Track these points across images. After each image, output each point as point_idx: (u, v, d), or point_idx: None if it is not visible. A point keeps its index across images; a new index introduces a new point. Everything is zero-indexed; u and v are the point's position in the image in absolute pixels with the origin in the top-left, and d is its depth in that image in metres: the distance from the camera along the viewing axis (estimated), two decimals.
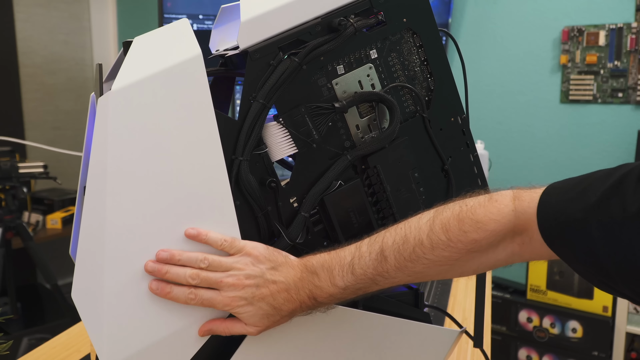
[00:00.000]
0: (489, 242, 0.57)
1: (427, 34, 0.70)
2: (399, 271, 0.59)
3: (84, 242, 0.58)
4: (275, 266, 0.61)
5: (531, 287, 2.22)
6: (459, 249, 0.57)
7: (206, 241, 0.60)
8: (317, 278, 0.60)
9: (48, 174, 2.21)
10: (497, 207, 0.57)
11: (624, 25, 2.24)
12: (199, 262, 0.59)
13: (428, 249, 0.58)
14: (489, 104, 2.53)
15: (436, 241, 0.58)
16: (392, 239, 0.60)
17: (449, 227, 0.58)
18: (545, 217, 0.54)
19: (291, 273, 0.61)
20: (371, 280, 0.60)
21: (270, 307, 0.60)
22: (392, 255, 0.59)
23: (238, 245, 0.61)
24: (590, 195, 0.51)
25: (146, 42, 0.60)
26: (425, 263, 0.59)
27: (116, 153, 0.57)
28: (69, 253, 0.67)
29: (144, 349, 0.59)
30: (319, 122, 0.65)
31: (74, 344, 1.00)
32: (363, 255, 0.60)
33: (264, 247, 0.61)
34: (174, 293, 0.59)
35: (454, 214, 0.58)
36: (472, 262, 0.59)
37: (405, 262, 0.59)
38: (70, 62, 3.09)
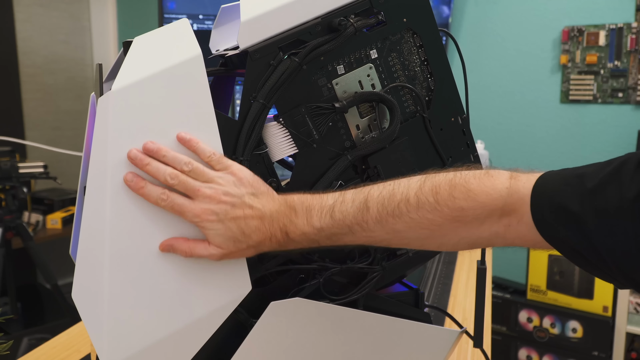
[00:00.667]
0: (476, 215, 0.56)
1: (427, 34, 0.70)
2: (378, 224, 0.58)
3: (84, 242, 0.58)
4: (256, 193, 0.59)
5: (531, 287, 2.22)
6: (444, 213, 0.56)
7: (196, 149, 0.58)
8: (295, 214, 0.59)
9: (48, 174, 2.21)
10: (491, 182, 0.56)
11: (624, 25, 2.24)
12: (183, 165, 0.57)
13: (413, 207, 0.57)
14: (489, 104, 2.53)
15: (423, 201, 0.56)
16: (378, 191, 0.59)
17: (438, 190, 0.56)
18: (539, 199, 0.53)
19: (270, 203, 0.59)
20: (348, 228, 0.58)
21: (239, 231, 0.58)
22: (375, 206, 0.58)
23: (225, 163, 0.59)
24: (587, 181, 0.50)
25: (146, 42, 0.60)
26: (407, 222, 0.57)
27: (116, 153, 0.57)
28: (69, 253, 0.67)
29: (144, 349, 0.59)
30: (319, 122, 0.65)
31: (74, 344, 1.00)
32: (346, 200, 0.59)
33: (250, 173, 0.60)
34: (147, 189, 0.57)
35: (447, 179, 0.57)
36: (454, 233, 0.57)
37: (387, 216, 0.57)
38: (70, 62, 3.09)
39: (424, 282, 1.25)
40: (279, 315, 0.65)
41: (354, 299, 0.70)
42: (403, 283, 0.82)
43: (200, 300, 0.60)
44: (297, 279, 0.68)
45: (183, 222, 0.59)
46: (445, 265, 1.39)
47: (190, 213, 0.57)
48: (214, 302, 0.61)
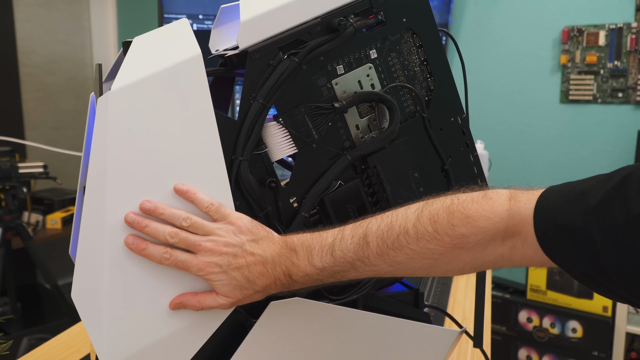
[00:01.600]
0: (477, 240, 0.55)
1: (427, 34, 0.70)
2: (380, 258, 0.57)
3: (84, 242, 0.58)
4: (256, 239, 0.60)
5: (531, 287, 2.22)
6: (444, 242, 0.55)
7: (193, 200, 0.59)
8: (296, 255, 0.59)
9: (48, 174, 2.21)
10: (490, 205, 0.55)
11: (624, 25, 2.24)
12: (181, 220, 0.58)
13: (413, 238, 0.56)
14: (489, 104, 2.53)
15: (422, 231, 0.56)
16: (376, 225, 0.58)
17: (437, 219, 0.55)
18: (542, 219, 0.52)
19: (270, 247, 0.60)
20: (350, 265, 0.58)
21: (244, 279, 0.58)
22: (374, 240, 0.57)
23: (223, 212, 0.60)
24: (590, 198, 0.49)
25: (146, 42, 0.60)
26: (409, 253, 0.56)
27: (116, 153, 0.57)
28: (69, 253, 0.67)
29: (144, 349, 0.59)
30: (319, 122, 0.65)
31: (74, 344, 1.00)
32: (345, 237, 0.59)
33: (249, 220, 0.61)
34: (149, 250, 0.57)
35: (444, 206, 0.56)
36: (458, 260, 0.56)
37: (387, 249, 0.57)
38: (70, 62, 3.09)
39: (424, 282, 1.25)
40: (278, 315, 0.65)
41: (353, 299, 0.70)
42: (403, 283, 0.82)
43: None
44: None
45: None
46: None
47: (194, 268, 0.58)
48: None
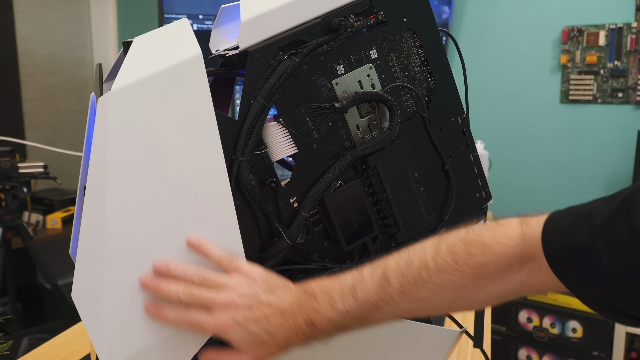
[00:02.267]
0: (497, 267, 0.55)
1: (427, 34, 0.70)
2: (403, 296, 0.56)
3: (84, 242, 0.58)
4: (271, 288, 0.58)
5: None
6: (465, 272, 0.55)
7: (205, 253, 0.59)
8: (316, 301, 0.57)
9: (48, 174, 2.21)
10: (504, 231, 0.55)
11: (624, 25, 2.24)
12: (194, 277, 0.58)
13: (434, 272, 0.55)
14: (489, 104, 2.53)
15: (442, 264, 0.55)
16: (395, 262, 0.57)
17: (455, 250, 0.55)
18: (550, 241, 0.52)
19: (288, 296, 0.58)
20: (373, 306, 0.57)
21: (263, 332, 0.56)
22: (395, 278, 0.56)
23: (235, 263, 0.59)
24: (595, 217, 0.49)
25: (146, 42, 0.60)
26: (431, 287, 0.56)
27: (116, 153, 0.57)
28: (69, 253, 0.67)
29: (144, 349, 0.59)
30: (319, 122, 0.65)
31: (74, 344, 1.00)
32: (365, 278, 0.57)
33: (262, 269, 0.60)
34: (166, 314, 0.58)
35: (460, 237, 0.56)
36: (480, 290, 0.56)
37: (409, 285, 0.56)
38: (70, 62, 3.09)
39: None
40: None
41: None
42: None
43: None
44: (297, 279, 0.68)
45: (183, 222, 0.59)
46: None
47: (210, 326, 0.57)
48: None
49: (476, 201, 0.76)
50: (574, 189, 2.42)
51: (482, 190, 0.76)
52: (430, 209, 0.72)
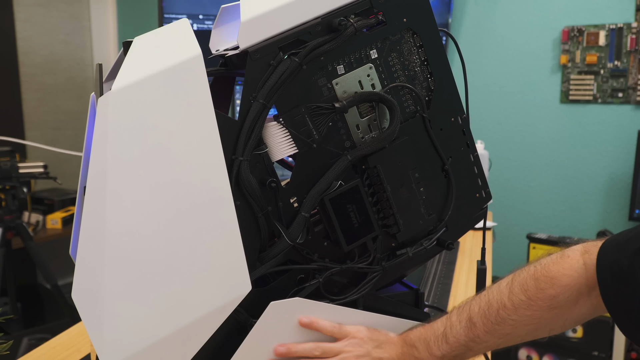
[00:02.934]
0: (566, 298, 0.60)
1: (427, 34, 0.70)
2: (489, 335, 0.63)
3: (84, 242, 0.58)
4: (379, 344, 0.67)
5: None
6: (539, 306, 0.61)
7: (318, 328, 0.66)
8: (417, 350, 0.66)
9: (48, 174, 2.21)
10: (568, 263, 0.60)
11: (624, 25, 2.24)
12: (313, 351, 0.66)
13: (511, 310, 0.62)
14: (489, 104, 2.53)
15: (517, 302, 0.62)
16: (477, 305, 0.65)
17: (527, 287, 0.62)
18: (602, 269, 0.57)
19: (393, 349, 0.67)
20: (465, 347, 0.64)
21: None
22: (479, 320, 0.64)
23: (345, 331, 0.67)
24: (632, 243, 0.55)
25: (146, 42, 0.60)
26: (512, 324, 0.62)
27: (116, 153, 0.57)
28: (69, 253, 0.67)
29: (144, 349, 0.59)
30: (319, 122, 0.65)
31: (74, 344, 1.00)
32: (454, 324, 0.66)
33: (366, 329, 0.68)
34: None
35: (529, 274, 0.62)
36: (557, 319, 0.62)
37: (492, 325, 0.63)
38: (70, 62, 3.09)
39: (424, 282, 1.25)
40: (279, 315, 0.65)
41: (354, 299, 0.70)
42: (403, 283, 0.82)
43: (200, 300, 0.60)
44: (297, 279, 0.68)
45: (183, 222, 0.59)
46: (445, 265, 1.39)
47: None
48: (214, 302, 0.61)
49: (476, 201, 0.76)
50: (574, 189, 2.42)
51: (482, 190, 0.76)
52: (430, 209, 0.72)
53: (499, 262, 2.50)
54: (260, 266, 0.64)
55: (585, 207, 2.41)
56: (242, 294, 0.62)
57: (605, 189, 2.37)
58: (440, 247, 0.74)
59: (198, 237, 0.60)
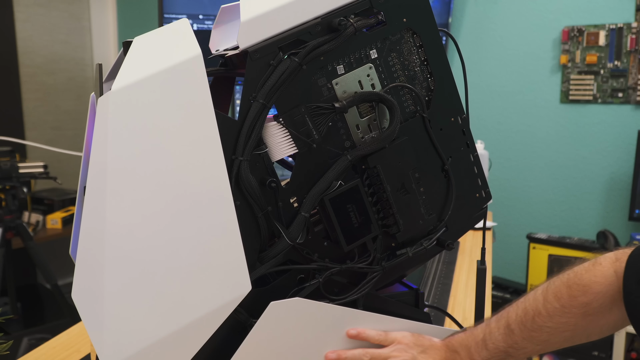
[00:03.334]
0: (600, 305, 0.61)
1: (427, 34, 0.70)
2: (526, 341, 0.65)
3: (84, 242, 0.58)
4: (424, 350, 0.69)
5: (531, 287, 2.21)
6: (573, 313, 0.62)
7: (366, 337, 0.69)
8: (459, 356, 0.68)
9: (48, 174, 2.21)
10: (600, 271, 0.61)
11: (624, 25, 2.24)
12: (362, 357, 0.68)
13: (546, 317, 0.64)
14: (489, 104, 2.53)
15: (551, 309, 0.63)
16: (514, 313, 0.67)
17: (560, 295, 0.63)
18: (628, 276, 0.58)
19: (437, 354, 0.69)
20: (504, 353, 0.66)
21: None
22: (517, 327, 0.66)
23: (391, 337, 0.70)
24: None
25: (146, 42, 0.60)
26: (548, 331, 0.64)
27: (116, 153, 0.57)
28: (69, 253, 0.67)
29: (144, 349, 0.59)
30: (319, 122, 0.65)
31: (74, 344, 1.00)
32: (492, 331, 0.68)
33: (411, 335, 0.71)
34: None
35: (562, 281, 0.64)
36: (592, 325, 0.63)
37: (529, 332, 0.65)
38: (70, 62, 3.09)
39: (424, 282, 1.25)
40: (279, 315, 0.65)
41: (354, 299, 0.70)
42: (403, 283, 0.82)
43: (200, 300, 0.61)
44: (297, 279, 0.68)
45: (183, 222, 0.59)
46: (445, 265, 1.39)
47: None
48: (214, 302, 0.61)
49: (476, 201, 0.76)
50: (574, 189, 2.42)
51: (482, 190, 0.76)
52: (430, 209, 0.72)
53: (499, 262, 2.50)
54: (260, 266, 0.64)
55: (585, 207, 2.41)
56: (242, 294, 0.62)
57: (605, 189, 2.37)
58: (440, 247, 0.74)
59: (198, 237, 0.60)
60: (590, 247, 2.10)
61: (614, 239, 2.12)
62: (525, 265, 2.32)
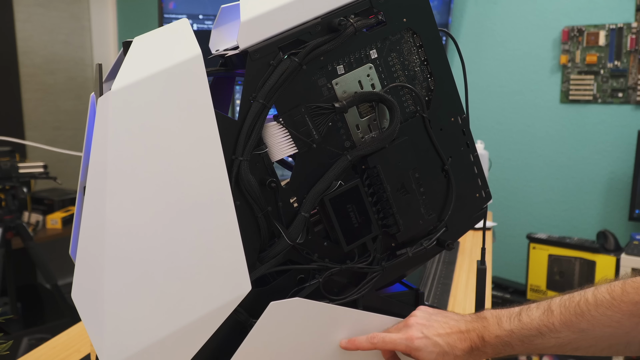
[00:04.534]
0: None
1: (427, 33, 0.70)
2: (563, 326, 0.63)
3: (84, 242, 0.58)
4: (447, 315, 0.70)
5: (531, 287, 2.22)
6: (621, 309, 0.61)
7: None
8: (486, 321, 0.67)
9: (48, 174, 2.21)
10: None
11: (624, 25, 2.24)
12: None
13: (592, 305, 0.62)
14: (489, 104, 2.53)
15: (600, 298, 0.62)
16: (559, 298, 0.66)
17: (613, 289, 0.62)
18: None
19: (462, 319, 0.68)
20: (537, 330, 0.65)
21: (446, 344, 0.66)
22: (557, 309, 0.64)
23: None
24: None
25: (146, 42, 0.60)
26: (589, 319, 0.62)
27: (116, 153, 0.57)
28: (69, 253, 0.67)
29: (144, 349, 0.59)
30: (319, 122, 0.65)
31: (74, 344, 1.00)
32: (531, 307, 0.67)
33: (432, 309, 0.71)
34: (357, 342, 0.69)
35: (619, 281, 0.63)
36: (636, 330, 0.61)
37: (570, 315, 0.63)
38: (70, 62, 3.09)
39: (424, 282, 1.25)
40: (278, 315, 0.65)
41: (354, 299, 0.70)
42: (403, 283, 0.82)
43: (200, 300, 0.61)
44: (297, 279, 0.68)
45: (183, 222, 0.59)
46: (445, 265, 1.39)
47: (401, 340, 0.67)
48: (214, 302, 0.61)
49: (476, 201, 0.76)
50: (574, 189, 2.42)
51: (482, 190, 0.76)
52: (430, 209, 0.72)
53: (499, 262, 2.50)
54: (260, 266, 0.65)
55: (585, 207, 2.41)
56: (242, 294, 0.62)
57: (605, 189, 2.37)
58: (440, 247, 0.74)
59: (198, 237, 0.60)
60: (590, 247, 2.10)
61: (614, 239, 2.12)
62: (525, 265, 2.32)
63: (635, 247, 2.07)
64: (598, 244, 2.12)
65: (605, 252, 2.09)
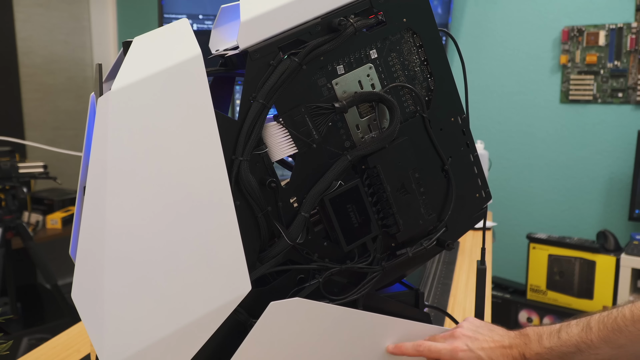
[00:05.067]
0: None
1: (427, 34, 0.70)
2: (602, 342, 0.64)
3: (84, 242, 0.58)
4: (492, 329, 0.72)
5: (531, 287, 2.22)
6: None
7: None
8: (528, 339, 0.69)
9: (48, 174, 2.21)
10: None
11: (624, 25, 2.24)
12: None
13: (630, 320, 0.63)
14: (489, 104, 2.53)
15: (637, 314, 0.62)
16: (597, 314, 0.67)
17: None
18: None
19: (506, 335, 0.70)
20: (575, 347, 0.66)
21: (488, 358, 0.68)
22: (596, 325, 0.65)
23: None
24: None
25: (146, 42, 0.60)
26: (627, 335, 0.63)
27: (116, 153, 0.57)
28: (69, 253, 0.67)
29: (144, 349, 0.59)
30: (319, 122, 0.65)
31: (74, 344, 1.00)
32: (571, 324, 0.68)
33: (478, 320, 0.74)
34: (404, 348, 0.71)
35: None
36: None
37: (608, 332, 0.64)
38: (70, 62, 3.09)
39: (424, 282, 1.25)
40: (278, 315, 0.65)
41: (354, 299, 0.70)
42: (403, 283, 0.82)
43: (200, 300, 0.61)
44: (297, 279, 0.68)
45: (183, 222, 0.59)
46: (445, 265, 1.39)
47: (446, 351, 0.69)
48: (214, 302, 0.61)
49: (476, 201, 0.76)
50: (574, 189, 2.42)
51: (482, 190, 0.76)
52: (430, 209, 0.72)
53: (499, 262, 2.50)
54: (260, 266, 0.64)
55: (585, 207, 2.41)
56: (242, 294, 0.62)
57: (605, 189, 2.37)
58: (440, 247, 0.74)
59: (198, 237, 0.60)
60: (590, 247, 2.10)
61: (614, 239, 2.12)
62: (525, 265, 2.32)
63: (635, 247, 2.07)
64: (598, 244, 2.12)
65: (605, 252, 2.09)
